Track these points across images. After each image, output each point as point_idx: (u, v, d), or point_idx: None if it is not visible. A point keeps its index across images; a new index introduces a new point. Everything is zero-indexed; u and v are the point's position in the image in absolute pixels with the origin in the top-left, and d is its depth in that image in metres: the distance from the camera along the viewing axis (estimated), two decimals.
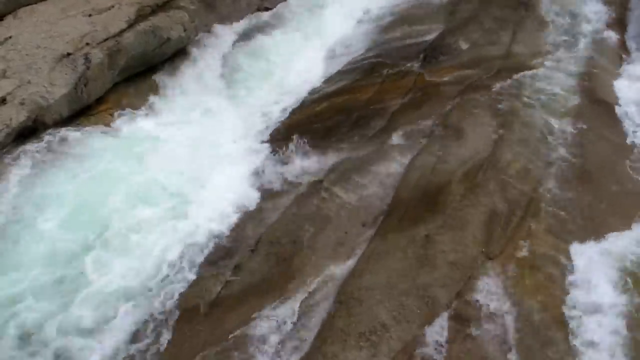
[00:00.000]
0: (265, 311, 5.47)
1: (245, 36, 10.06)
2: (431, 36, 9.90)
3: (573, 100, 8.10)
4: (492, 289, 5.56)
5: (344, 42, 10.34)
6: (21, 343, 5.32)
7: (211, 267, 6.02)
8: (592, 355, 5.07)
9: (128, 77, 8.33)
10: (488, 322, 5.30)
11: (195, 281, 5.88)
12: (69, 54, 7.64)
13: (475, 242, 5.98)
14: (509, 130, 7.44)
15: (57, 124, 7.25)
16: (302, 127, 7.91)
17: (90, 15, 8.36)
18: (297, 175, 7.04)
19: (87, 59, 7.65)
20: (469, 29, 10.02)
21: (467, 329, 5.22)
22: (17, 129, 6.81)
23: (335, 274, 5.78)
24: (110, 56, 7.88)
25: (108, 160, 7.01)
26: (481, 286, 5.57)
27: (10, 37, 7.88)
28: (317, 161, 7.21)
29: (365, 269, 5.78)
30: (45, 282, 5.76)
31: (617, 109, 8.11)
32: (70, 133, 7.21)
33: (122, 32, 8.19)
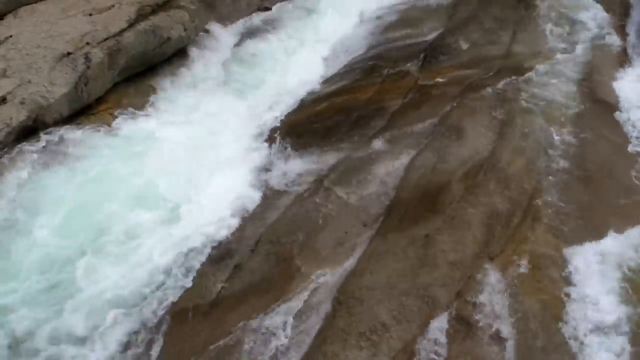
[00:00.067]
0: (266, 311, 5.48)
1: (245, 36, 10.07)
2: (431, 36, 9.91)
3: (573, 100, 8.11)
4: (492, 288, 5.57)
5: (344, 42, 10.33)
6: (10, 352, 5.18)
7: (211, 267, 6.01)
8: (593, 355, 5.09)
9: (128, 76, 8.31)
10: (488, 322, 5.31)
11: (196, 281, 5.87)
12: (69, 54, 7.64)
13: (475, 242, 5.99)
14: (509, 129, 7.45)
15: (57, 124, 7.24)
16: (302, 127, 7.91)
17: (90, 15, 8.36)
18: (297, 175, 7.04)
19: (87, 58, 7.65)
20: (469, 29, 10.03)
21: (467, 329, 5.23)
22: (17, 128, 6.81)
23: (335, 273, 5.79)
24: (110, 56, 7.88)
25: (107, 161, 6.99)
26: (481, 286, 5.58)
27: (10, 36, 7.88)
28: (317, 161, 7.21)
29: (366, 268, 5.78)
30: (38, 289, 5.63)
31: (617, 110, 8.11)
32: (70, 132, 7.19)
33: (122, 31, 8.19)
